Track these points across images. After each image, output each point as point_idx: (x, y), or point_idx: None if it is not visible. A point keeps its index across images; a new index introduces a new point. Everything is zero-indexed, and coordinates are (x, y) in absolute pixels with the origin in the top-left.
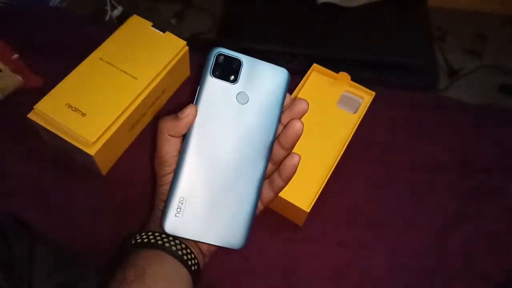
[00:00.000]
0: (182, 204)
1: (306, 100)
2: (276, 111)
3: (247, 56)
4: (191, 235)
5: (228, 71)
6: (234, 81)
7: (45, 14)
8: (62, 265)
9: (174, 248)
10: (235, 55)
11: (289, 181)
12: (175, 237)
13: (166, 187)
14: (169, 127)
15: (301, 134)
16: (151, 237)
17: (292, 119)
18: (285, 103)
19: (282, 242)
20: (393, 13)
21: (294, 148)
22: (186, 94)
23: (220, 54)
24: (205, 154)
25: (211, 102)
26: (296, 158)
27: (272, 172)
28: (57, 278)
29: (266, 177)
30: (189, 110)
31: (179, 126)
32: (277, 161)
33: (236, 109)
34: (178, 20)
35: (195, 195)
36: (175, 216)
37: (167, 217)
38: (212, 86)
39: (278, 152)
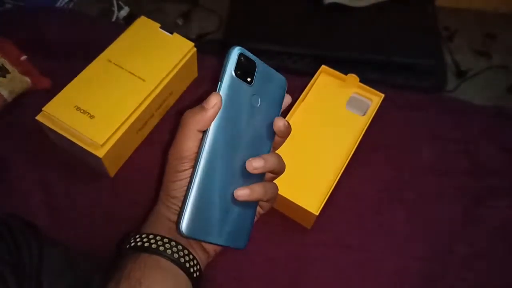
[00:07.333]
0: (200, 204)
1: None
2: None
3: (259, 59)
4: (205, 236)
5: (247, 72)
6: (251, 83)
7: (53, 15)
8: (70, 268)
9: (176, 255)
10: (252, 57)
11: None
12: (175, 241)
13: (180, 183)
14: (198, 120)
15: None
16: (152, 240)
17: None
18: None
19: (291, 245)
20: (400, 13)
21: (304, 149)
22: (195, 96)
23: (242, 54)
24: (222, 155)
25: (231, 101)
26: (243, 191)
27: None
28: (66, 280)
29: None
30: (214, 98)
31: (206, 117)
32: None
33: (250, 110)
34: (185, 21)
35: (211, 195)
36: (193, 217)
37: (185, 218)
38: (234, 84)
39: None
